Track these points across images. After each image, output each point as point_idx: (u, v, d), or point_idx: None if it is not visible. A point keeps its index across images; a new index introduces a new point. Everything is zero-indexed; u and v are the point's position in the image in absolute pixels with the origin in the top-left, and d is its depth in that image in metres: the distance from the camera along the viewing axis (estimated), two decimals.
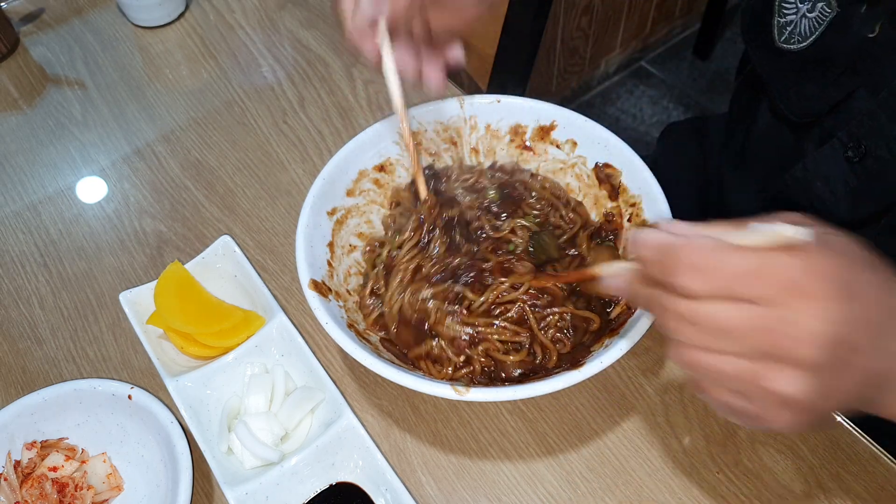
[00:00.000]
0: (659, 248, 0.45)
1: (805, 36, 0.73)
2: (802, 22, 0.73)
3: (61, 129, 0.94)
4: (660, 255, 0.45)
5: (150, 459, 0.65)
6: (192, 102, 0.95)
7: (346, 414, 0.64)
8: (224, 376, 0.68)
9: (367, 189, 0.78)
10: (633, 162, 0.72)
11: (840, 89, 0.72)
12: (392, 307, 0.68)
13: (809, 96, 0.76)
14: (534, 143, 0.79)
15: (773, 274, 0.42)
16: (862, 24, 0.68)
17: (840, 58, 0.71)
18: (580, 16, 1.89)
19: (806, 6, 0.72)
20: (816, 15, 0.71)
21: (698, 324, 0.44)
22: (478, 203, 0.74)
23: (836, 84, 0.73)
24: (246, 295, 0.75)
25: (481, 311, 0.66)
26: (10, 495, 0.62)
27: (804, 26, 0.73)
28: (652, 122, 2.16)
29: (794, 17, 0.73)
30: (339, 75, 0.96)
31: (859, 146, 0.69)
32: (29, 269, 0.81)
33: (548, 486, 0.63)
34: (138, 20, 1.04)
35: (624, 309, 0.66)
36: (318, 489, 0.63)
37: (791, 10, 0.74)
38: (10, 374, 0.73)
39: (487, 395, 0.58)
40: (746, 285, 0.42)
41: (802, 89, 0.76)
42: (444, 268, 0.68)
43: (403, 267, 0.69)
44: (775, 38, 0.76)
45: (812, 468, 0.62)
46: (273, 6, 1.06)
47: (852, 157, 0.69)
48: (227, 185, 0.86)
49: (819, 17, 0.71)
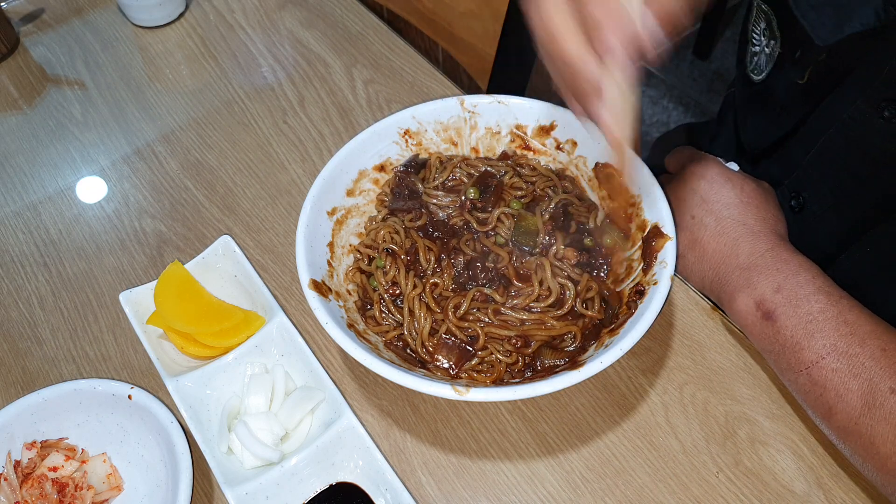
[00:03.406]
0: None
1: (762, 69, 0.76)
2: (762, 55, 0.75)
3: (61, 129, 0.94)
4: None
5: (150, 459, 0.65)
6: (192, 102, 0.95)
7: (346, 414, 0.64)
8: (224, 376, 0.68)
9: (367, 189, 0.77)
10: (633, 162, 0.72)
11: (780, 128, 0.76)
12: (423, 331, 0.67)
13: (756, 128, 0.80)
14: (534, 143, 0.79)
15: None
16: (793, 68, 0.71)
17: (779, 98, 0.74)
18: None
19: (765, 41, 0.75)
20: (770, 52, 0.74)
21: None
22: (458, 202, 0.74)
23: (776, 123, 0.76)
24: (246, 295, 0.75)
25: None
26: (10, 495, 0.62)
27: (762, 60, 0.76)
28: (652, 122, 2.16)
29: (759, 49, 0.76)
30: (339, 75, 0.96)
31: (798, 197, 0.72)
32: (29, 269, 0.81)
33: (548, 486, 0.63)
34: (138, 20, 1.04)
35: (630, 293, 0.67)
36: (318, 489, 0.63)
37: (757, 43, 0.77)
38: (10, 374, 0.73)
39: (487, 395, 0.58)
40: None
41: (754, 121, 0.80)
42: (458, 277, 0.69)
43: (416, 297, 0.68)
44: (747, 65, 0.79)
45: (812, 468, 0.62)
46: (273, 6, 1.06)
47: (794, 206, 0.72)
48: (227, 185, 0.86)
49: (771, 54, 0.74)
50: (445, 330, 0.66)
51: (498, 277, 0.68)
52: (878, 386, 0.55)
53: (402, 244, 0.71)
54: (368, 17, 1.03)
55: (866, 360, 0.56)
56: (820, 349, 0.58)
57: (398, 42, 1.00)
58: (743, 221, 0.66)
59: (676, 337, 0.71)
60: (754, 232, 0.65)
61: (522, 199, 0.73)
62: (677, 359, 0.69)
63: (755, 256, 0.64)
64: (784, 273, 0.62)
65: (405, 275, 0.69)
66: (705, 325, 0.71)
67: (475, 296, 0.67)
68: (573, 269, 0.69)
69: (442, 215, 0.73)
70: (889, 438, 0.53)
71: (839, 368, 0.57)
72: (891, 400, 0.54)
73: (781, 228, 0.67)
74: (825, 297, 0.59)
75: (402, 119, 0.78)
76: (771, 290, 0.61)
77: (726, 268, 0.66)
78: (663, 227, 0.67)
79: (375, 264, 0.71)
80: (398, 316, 0.68)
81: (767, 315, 0.61)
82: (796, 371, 0.60)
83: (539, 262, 0.68)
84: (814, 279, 0.61)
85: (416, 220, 0.72)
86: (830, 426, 0.58)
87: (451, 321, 0.66)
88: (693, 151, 0.77)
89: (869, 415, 0.55)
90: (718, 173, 0.70)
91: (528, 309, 0.66)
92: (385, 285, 0.69)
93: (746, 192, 0.68)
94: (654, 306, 0.61)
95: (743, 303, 0.63)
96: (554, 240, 0.70)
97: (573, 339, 0.66)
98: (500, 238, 0.71)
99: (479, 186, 0.74)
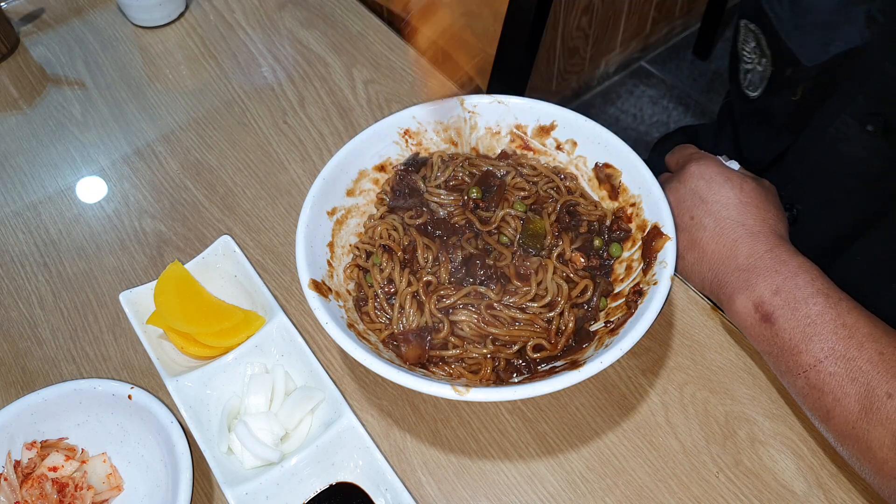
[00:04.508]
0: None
1: (756, 86, 0.76)
2: (755, 72, 0.76)
3: (61, 129, 0.94)
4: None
5: (150, 459, 0.65)
6: (192, 102, 0.95)
7: (346, 414, 0.64)
8: (224, 376, 0.68)
9: (367, 189, 0.77)
10: (633, 162, 0.72)
11: (779, 145, 0.77)
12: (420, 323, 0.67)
13: (757, 144, 0.81)
14: (534, 142, 0.79)
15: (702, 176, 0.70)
16: (786, 86, 0.71)
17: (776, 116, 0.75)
18: (580, 16, 1.89)
19: (756, 58, 0.75)
20: (763, 70, 0.74)
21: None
22: (460, 201, 0.74)
23: (776, 139, 0.77)
24: (246, 295, 0.75)
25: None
26: (10, 495, 0.62)
27: (756, 77, 0.76)
28: (652, 122, 2.16)
29: (751, 66, 0.77)
30: (339, 75, 0.96)
31: (792, 209, 0.73)
32: (29, 269, 0.81)
33: (548, 486, 0.63)
34: (138, 20, 1.04)
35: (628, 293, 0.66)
36: (318, 489, 0.63)
37: (749, 60, 0.77)
38: (10, 374, 0.73)
39: (487, 395, 0.58)
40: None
41: (754, 135, 0.81)
42: (455, 273, 0.68)
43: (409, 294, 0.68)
44: (741, 81, 0.79)
45: (812, 468, 0.62)
46: (273, 6, 1.06)
47: (788, 218, 0.73)
48: (227, 185, 0.86)
49: (763, 72, 0.74)
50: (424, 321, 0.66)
51: (497, 276, 0.68)
52: (875, 390, 0.55)
53: (399, 241, 0.71)
54: (368, 17, 1.04)
55: (864, 364, 0.56)
56: (818, 352, 0.58)
57: (398, 42, 1.00)
58: (742, 222, 0.66)
59: (676, 337, 0.71)
60: (753, 233, 0.65)
61: (526, 199, 0.73)
62: (677, 359, 0.69)
63: (754, 258, 0.64)
64: (783, 275, 0.62)
65: (400, 272, 0.69)
66: (705, 325, 0.71)
67: (470, 293, 0.67)
68: (576, 273, 0.68)
69: (443, 213, 0.73)
70: (886, 443, 0.53)
71: (837, 372, 0.57)
72: (888, 404, 0.54)
73: (781, 228, 0.67)
74: (824, 300, 0.59)
75: (402, 119, 0.78)
76: (769, 292, 0.62)
77: (725, 269, 0.66)
78: (663, 227, 0.67)
79: (372, 261, 0.71)
80: (391, 314, 0.68)
81: (766, 317, 0.61)
82: (794, 374, 0.60)
83: (542, 262, 0.68)
84: (813, 281, 0.61)
85: (416, 217, 0.72)
86: (828, 429, 0.58)
87: (432, 309, 0.66)
88: (693, 150, 0.77)
89: (866, 419, 0.55)
90: (718, 173, 0.70)
91: (522, 308, 0.66)
92: (381, 282, 0.69)
93: (746, 192, 0.68)
94: (654, 306, 0.61)
95: (742, 304, 0.63)
96: (560, 241, 0.70)
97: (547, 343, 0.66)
98: (504, 238, 0.71)
99: (481, 186, 0.74)
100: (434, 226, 0.72)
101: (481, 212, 0.73)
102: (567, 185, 0.76)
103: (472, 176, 0.76)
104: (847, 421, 0.56)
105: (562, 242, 0.70)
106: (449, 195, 0.74)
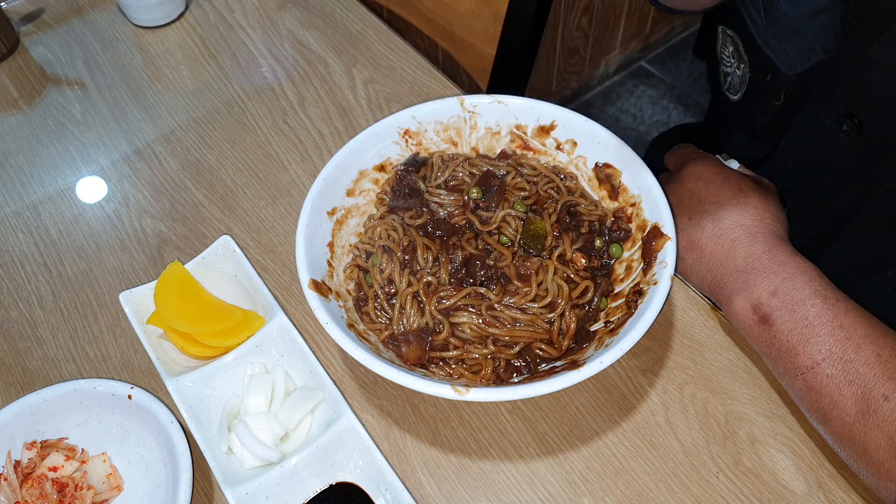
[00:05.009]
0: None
1: (737, 90, 0.77)
2: (735, 76, 0.77)
3: (61, 129, 0.94)
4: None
5: (150, 459, 0.65)
6: (192, 102, 0.95)
7: (346, 414, 0.64)
8: (224, 376, 0.68)
9: (367, 189, 0.77)
10: (633, 162, 0.72)
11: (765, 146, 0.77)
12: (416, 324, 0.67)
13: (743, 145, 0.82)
14: (534, 142, 0.79)
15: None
16: (767, 91, 0.72)
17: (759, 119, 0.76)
18: (580, 16, 1.89)
19: (735, 62, 0.76)
20: (742, 74, 0.75)
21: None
22: (460, 201, 0.74)
23: (761, 141, 0.77)
24: (246, 295, 0.75)
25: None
26: (10, 495, 0.62)
27: (735, 80, 0.77)
28: (652, 122, 2.16)
29: (731, 70, 0.77)
30: (339, 75, 0.96)
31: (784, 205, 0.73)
32: (29, 269, 0.81)
33: (548, 486, 0.63)
34: (138, 20, 1.04)
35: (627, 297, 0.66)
36: (318, 489, 0.63)
37: (728, 64, 0.78)
38: (10, 374, 0.73)
39: (487, 395, 0.58)
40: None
41: (738, 136, 0.82)
42: (455, 273, 0.68)
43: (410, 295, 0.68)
44: (722, 84, 0.80)
45: (812, 468, 0.62)
46: (273, 6, 1.06)
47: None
48: (227, 185, 0.86)
49: (742, 76, 0.75)
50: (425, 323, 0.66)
51: (497, 276, 0.68)
52: (872, 393, 0.55)
53: (399, 241, 0.71)
54: (368, 17, 1.04)
55: (861, 366, 0.56)
56: (815, 354, 0.58)
57: (398, 42, 1.00)
58: (740, 223, 0.66)
59: (676, 337, 0.71)
60: (751, 233, 0.65)
61: (526, 199, 0.73)
62: (677, 359, 0.69)
63: (752, 259, 0.64)
64: (780, 276, 0.62)
65: (400, 272, 0.69)
66: (705, 325, 0.71)
67: (470, 294, 0.67)
68: (577, 274, 0.68)
69: (443, 214, 0.73)
70: (882, 445, 0.53)
71: (834, 374, 0.57)
72: (884, 407, 0.54)
73: (780, 228, 0.67)
74: (821, 301, 0.59)
75: (402, 119, 0.78)
76: (767, 293, 0.62)
77: (724, 270, 0.66)
78: (663, 227, 0.67)
79: (372, 261, 0.71)
80: (391, 314, 0.68)
81: (764, 319, 0.61)
82: (792, 375, 0.60)
83: (543, 263, 0.68)
84: (810, 282, 0.61)
85: (416, 217, 0.72)
86: (826, 431, 0.58)
87: (432, 310, 0.66)
88: (692, 149, 0.77)
89: (863, 421, 0.55)
90: (716, 173, 0.70)
91: (522, 309, 0.66)
92: (381, 283, 0.69)
93: (744, 192, 0.68)
94: (653, 306, 0.61)
95: (740, 306, 0.63)
96: (561, 241, 0.70)
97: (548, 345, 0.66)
98: (505, 238, 0.71)
99: (481, 186, 0.74)
100: (434, 226, 0.72)
101: (481, 212, 0.73)
102: (567, 185, 0.76)
103: (472, 176, 0.76)
104: (844, 423, 0.56)
105: (562, 243, 0.70)
106: (449, 195, 0.74)
